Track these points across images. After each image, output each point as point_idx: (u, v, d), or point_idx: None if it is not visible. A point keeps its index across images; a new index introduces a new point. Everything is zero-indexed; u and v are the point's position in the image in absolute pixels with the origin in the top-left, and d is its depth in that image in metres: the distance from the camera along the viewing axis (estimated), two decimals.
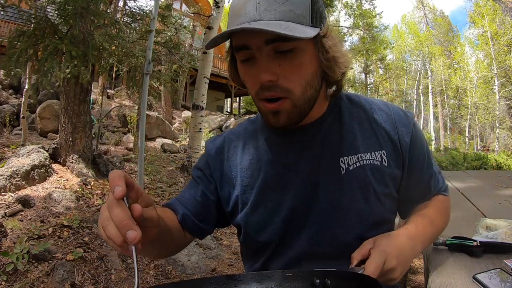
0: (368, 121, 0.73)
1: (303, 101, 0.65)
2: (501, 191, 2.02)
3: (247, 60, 0.64)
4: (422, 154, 0.75)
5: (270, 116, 0.66)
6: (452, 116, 23.83)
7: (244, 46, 0.62)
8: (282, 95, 0.62)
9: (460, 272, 0.70)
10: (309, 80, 0.64)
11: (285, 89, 0.62)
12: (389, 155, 0.71)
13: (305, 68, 0.63)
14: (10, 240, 2.34)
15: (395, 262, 0.60)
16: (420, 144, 0.74)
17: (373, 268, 0.57)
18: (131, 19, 4.40)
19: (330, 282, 0.55)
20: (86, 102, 3.93)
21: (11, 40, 3.47)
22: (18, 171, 3.15)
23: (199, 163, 0.84)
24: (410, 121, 0.74)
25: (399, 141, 0.71)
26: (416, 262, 2.87)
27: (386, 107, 0.75)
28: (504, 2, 14.98)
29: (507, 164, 8.30)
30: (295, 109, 0.64)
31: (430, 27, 25.28)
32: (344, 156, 0.70)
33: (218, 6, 5.75)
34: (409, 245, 0.64)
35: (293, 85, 0.62)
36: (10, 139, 5.58)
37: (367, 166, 0.69)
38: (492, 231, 0.93)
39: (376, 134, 0.72)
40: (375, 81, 27.03)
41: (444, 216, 0.80)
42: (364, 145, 0.70)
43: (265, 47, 0.60)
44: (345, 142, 0.70)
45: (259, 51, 0.61)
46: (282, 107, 0.63)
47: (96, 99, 9.01)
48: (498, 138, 16.70)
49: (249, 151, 0.77)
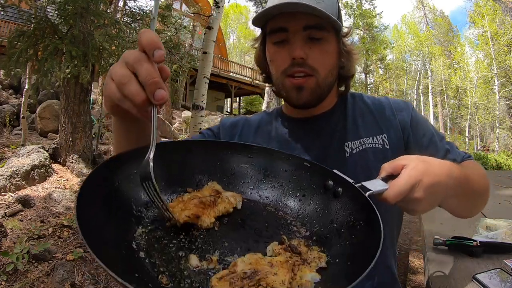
0: (369, 111, 0.81)
1: (325, 84, 0.74)
2: (501, 191, 2.02)
3: (280, 42, 0.73)
4: (429, 132, 0.78)
5: (293, 93, 0.73)
6: (452, 116, 23.83)
7: (282, 28, 0.71)
8: (310, 73, 0.72)
9: (460, 272, 0.70)
10: (331, 68, 0.75)
11: (313, 68, 0.71)
12: (391, 139, 0.77)
13: (330, 57, 0.74)
14: (10, 240, 2.33)
15: (422, 194, 0.52)
16: (424, 124, 0.79)
17: (395, 193, 0.52)
18: (131, 19, 4.40)
19: (342, 191, 0.54)
20: (86, 102, 3.93)
21: (11, 40, 3.47)
22: (18, 171, 3.15)
23: (211, 127, 0.91)
24: (409, 106, 0.82)
25: (400, 125, 0.78)
26: (416, 262, 2.87)
27: (385, 99, 0.84)
28: (504, 2, 14.97)
29: (507, 164, 8.30)
30: (317, 89, 0.73)
31: (430, 27, 25.28)
32: (348, 141, 0.77)
33: (218, 6, 5.75)
34: (445, 183, 0.56)
35: (320, 66, 0.72)
36: (10, 139, 5.57)
37: (369, 149, 0.75)
38: (492, 231, 0.93)
39: (377, 120, 0.79)
40: (375, 81, 27.02)
41: (483, 176, 0.73)
42: (366, 131, 0.78)
43: (301, 31, 0.70)
44: (348, 129, 0.78)
45: (295, 34, 0.70)
46: (307, 83, 0.72)
47: (96, 99, 9.00)
48: (498, 138, 16.71)
49: (262, 134, 0.85)
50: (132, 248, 0.44)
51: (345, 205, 0.53)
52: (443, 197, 0.58)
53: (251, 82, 17.02)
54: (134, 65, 0.43)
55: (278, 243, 0.49)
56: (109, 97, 0.46)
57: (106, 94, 0.47)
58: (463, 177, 0.61)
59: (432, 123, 10.65)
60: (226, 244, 0.49)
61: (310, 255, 0.47)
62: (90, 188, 0.42)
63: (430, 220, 1.31)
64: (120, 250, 0.42)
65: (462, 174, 0.61)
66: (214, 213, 0.52)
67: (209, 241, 0.49)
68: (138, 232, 0.47)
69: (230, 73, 16.56)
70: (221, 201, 0.54)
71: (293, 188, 0.60)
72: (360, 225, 0.49)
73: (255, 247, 0.49)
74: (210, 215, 0.52)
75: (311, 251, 0.48)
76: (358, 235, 0.48)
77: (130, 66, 0.44)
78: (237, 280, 0.38)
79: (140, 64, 0.43)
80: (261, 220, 0.56)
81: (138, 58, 0.43)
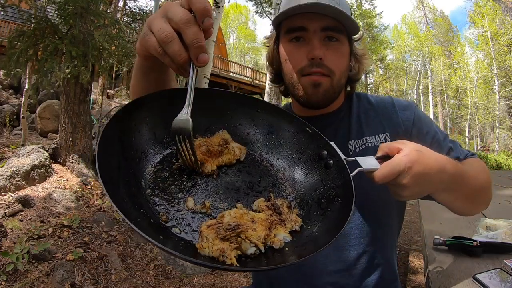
0: (373, 110, 0.82)
1: (337, 86, 0.76)
2: (501, 191, 2.02)
3: (297, 41, 0.74)
4: (432, 130, 0.79)
5: (310, 89, 0.74)
6: (452, 116, 23.83)
7: (301, 28, 0.73)
8: (326, 73, 0.73)
9: (460, 272, 0.70)
10: (344, 70, 0.77)
11: (329, 69, 0.73)
12: (394, 137, 0.77)
13: (344, 59, 0.76)
14: (10, 240, 2.33)
15: (409, 181, 0.54)
16: (427, 123, 0.80)
17: (383, 174, 0.54)
18: (131, 19, 4.40)
19: (332, 164, 0.58)
20: (86, 102, 3.93)
21: (11, 40, 3.47)
22: (18, 171, 3.15)
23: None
24: (412, 105, 0.83)
25: (402, 123, 0.79)
26: (416, 262, 2.87)
27: (389, 98, 0.85)
28: (504, 2, 14.97)
29: (507, 164, 8.30)
30: (331, 89, 0.75)
31: (430, 27, 25.27)
32: (352, 140, 0.79)
33: (218, 6, 5.75)
34: (437, 176, 0.57)
35: (335, 68, 0.74)
36: (10, 139, 5.58)
37: (371, 148, 0.76)
38: (492, 231, 0.93)
39: (380, 119, 0.80)
40: (375, 81, 27.02)
41: (483, 172, 0.73)
42: (369, 130, 0.79)
43: (320, 32, 0.72)
44: (352, 128, 0.80)
45: (315, 34, 0.72)
46: (323, 81, 0.74)
47: (96, 99, 9.00)
48: (498, 138, 16.71)
49: None
50: (141, 186, 0.50)
51: (331, 178, 0.57)
52: (432, 189, 0.60)
53: (251, 82, 17.02)
54: (181, 25, 0.44)
55: (265, 199, 0.55)
56: (147, 49, 0.47)
57: (145, 45, 0.47)
58: (458, 174, 0.62)
59: None
60: (220, 192, 0.55)
61: (289, 217, 0.52)
62: (110, 131, 0.47)
63: (430, 220, 1.31)
64: (131, 187, 0.48)
65: (458, 171, 0.61)
66: (218, 162, 0.58)
67: (206, 188, 0.55)
68: (147, 170, 0.53)
69: (230, 73, 16.56)
70: (227, 152, 0.59)
71: (291, 148, 0.64)
72: (337, 201, 0.53)
73: (245, 199, 0.55)
74: (212, 163, 0.57)
75: (291, 213, 0.53)
76: (333, 209, 0.53)
77: (174, 24, 0.44)
78: (222, 230, 0.44)
79: (188, 26, 0.44)
80: (256, 174, 0.60)
81: (187, 20, 0.44)
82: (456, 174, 0.61)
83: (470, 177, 0.66)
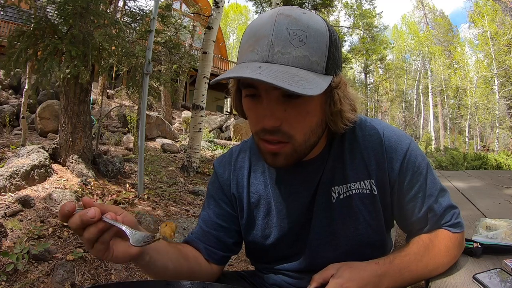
0: (359, 150, 0.71)
1: (304, 147, 0.64)
2: (501, 191, 2.02)
3: (252, 96, 0.62)
4: (417, 183, 0.69)
5: (268, 156, 0.65)
6: (452, 116, 23.85)
7: (251, 85, 0.60)
8: (284, 140, 0.61)
9: (460, 272, 0.70)
10: (313, 129, 0.63)
11: (288, 135, 0.60)
12: (379, 183, 0.70)
13: (311, 116, 0.61)
14: (10, 240, 2.33)
15: None
16: (415, 171, 0.69)
17: None
18: (131, 19, 4.39)
19: None
20: (86, 102, 3.93)
21: (11, 40, 3.46)
22: (18, 171, 3.15)
23: (212, 188, 0.84)
24: (403, 147, 0.69)
25: (387, 169, 0.69)
26: None
27: (379, 135, 0.71)
28: (504, 2, 14.97)
29: (507, 164, 8.31)
30: (294, 154, 0.63)
31: (430, 27, 25.29)
32: (335, 186, 0.71)
33: (218, 6, 5.76)
34: (373, 282, 0.63)
35: (296, 132, 0.61)
36: (10, 139, 5.58)
37: (355, 195, 0.70)
38: (492, 231, 0.93)
39: (365, 163, 0.70)
40: (375, 81, 27.02)
41: (439, 256, 0.69)
42: (353, 175, 0.70)
43: (272, 90, 0.58)
44: (336, 173, 0.71)
45: (266, 93, 0.59)
46: (282, 150, 0.62)
47: (96, 99, 9.01)
48: (498, 138, 16.72)
49: (256, 175, 0.79)
50: None
51: None
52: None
53: None
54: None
55: None
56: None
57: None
58: (397, 270, 0.66)
59: (432, 123, 10.53)
60: None
61: None
62: None
63: None
64: None
65: (395, 267, 0.66)
66: None
67: None
68: None
69: None
70: None
71: None
72: None
73: None
74: None
75: None
76: None
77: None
78: None
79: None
80: None
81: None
82: (395, 271, 0.66)
83: (414, 267, 0.67)
